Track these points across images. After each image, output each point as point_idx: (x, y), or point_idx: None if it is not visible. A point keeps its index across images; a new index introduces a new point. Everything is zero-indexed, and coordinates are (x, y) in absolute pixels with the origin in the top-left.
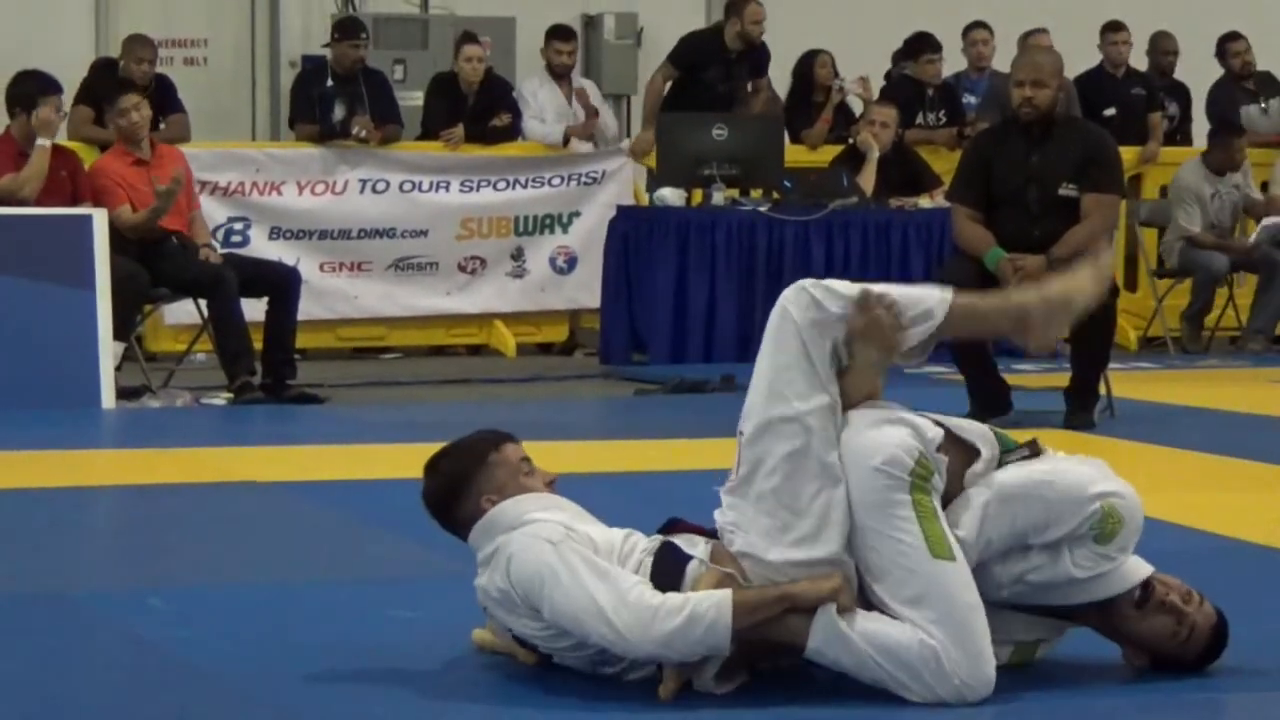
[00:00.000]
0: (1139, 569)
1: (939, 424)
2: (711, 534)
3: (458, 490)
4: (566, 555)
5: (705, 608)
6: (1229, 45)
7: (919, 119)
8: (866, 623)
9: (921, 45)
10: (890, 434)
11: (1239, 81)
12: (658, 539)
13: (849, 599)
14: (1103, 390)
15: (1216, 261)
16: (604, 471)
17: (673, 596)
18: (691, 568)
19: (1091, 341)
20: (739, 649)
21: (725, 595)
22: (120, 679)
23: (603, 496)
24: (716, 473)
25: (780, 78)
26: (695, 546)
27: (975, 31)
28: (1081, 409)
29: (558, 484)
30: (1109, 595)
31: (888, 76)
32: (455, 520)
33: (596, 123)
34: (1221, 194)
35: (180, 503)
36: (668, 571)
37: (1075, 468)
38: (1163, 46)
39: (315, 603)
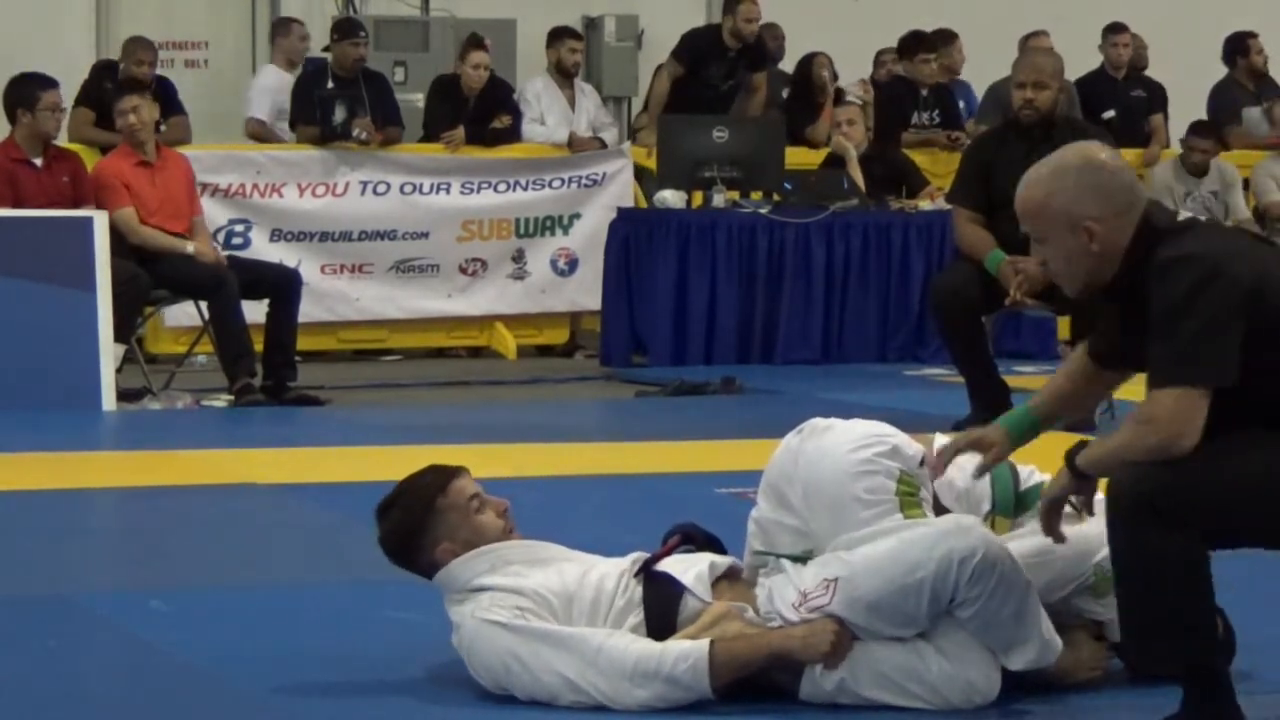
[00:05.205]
0: None
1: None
2: (712, 540)
3: (410, 542)
4: (522, 635)
5: (682, 671)
6: (1250, 42)
7: (914, 119)
8: (859, 658)
9: (915, 44)
10: (867, 457)
11: (1246, 82)
12: (631, 574)
13: (840, 659)
14: None
15: None
16: (605, 474)
17: (648, 651)
18: (689, 605)
19: None
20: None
21: (703, 655)
22: (120, 680)
23: (604, 499)
24: (717, 475)
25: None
26: (692, 569)
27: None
28: None
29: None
30: (1111, 639)
31: (874, 81)
32: (415, 569)
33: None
34: (1196, 196)
35: (181, 505)
36: (662, 613)
37: (1079, 534)
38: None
39: (315, 604)
